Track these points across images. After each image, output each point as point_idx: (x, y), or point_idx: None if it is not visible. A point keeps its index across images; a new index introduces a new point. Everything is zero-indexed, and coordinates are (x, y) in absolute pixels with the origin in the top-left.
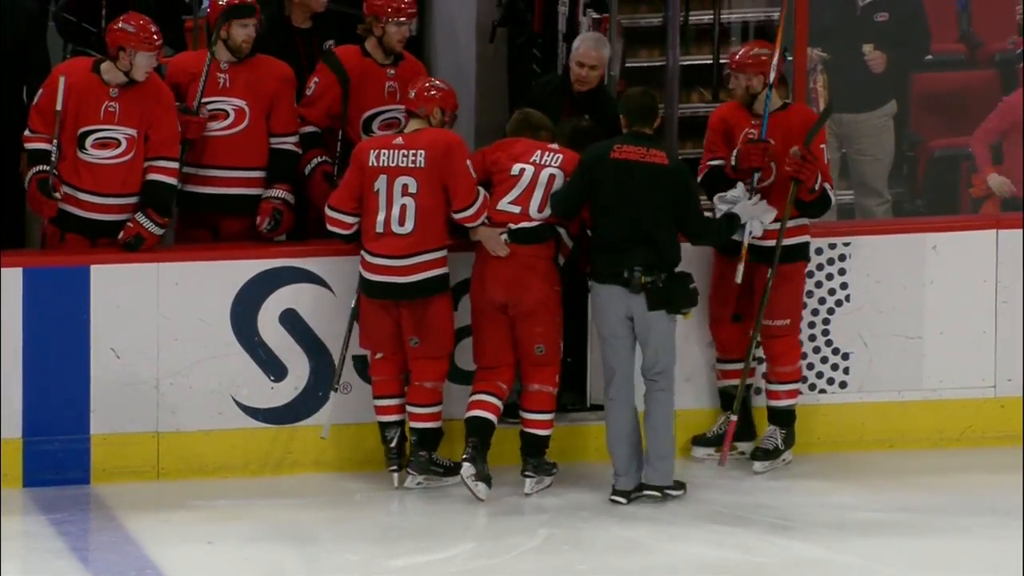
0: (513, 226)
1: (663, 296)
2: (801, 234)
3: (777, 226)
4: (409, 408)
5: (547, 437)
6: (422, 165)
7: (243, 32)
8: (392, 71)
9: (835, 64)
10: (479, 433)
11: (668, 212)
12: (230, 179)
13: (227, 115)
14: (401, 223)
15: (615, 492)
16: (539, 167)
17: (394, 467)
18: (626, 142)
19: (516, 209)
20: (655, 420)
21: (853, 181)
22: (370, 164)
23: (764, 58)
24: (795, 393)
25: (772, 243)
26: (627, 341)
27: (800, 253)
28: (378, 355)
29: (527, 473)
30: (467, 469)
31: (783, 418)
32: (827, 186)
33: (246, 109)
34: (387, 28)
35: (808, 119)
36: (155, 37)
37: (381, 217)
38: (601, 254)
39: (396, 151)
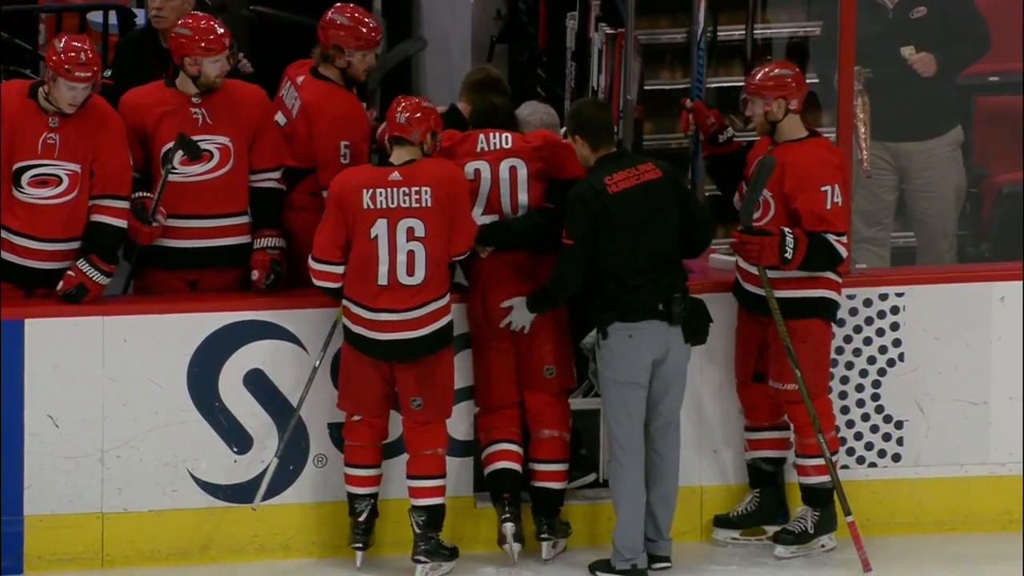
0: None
1: (695, 326)
2: (810, 287)
3: (785, 275)
4: (412, 483)
5: (563, 492)
6: (428, 204)
7: (215, 68)
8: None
9: (878, 82)
10: (511, 488)
11: (678, 227)
12: (215, 229)
13: (211, 156)
14: (410, 273)
15: (638, 572)
16: (493, 159)
17: (359, 545)
18: (611, 170)
19: (493, 219)
20: (671, 471)
21: (913, 221)
22: (364, 207)
23: (788, 80)
24: (826, 469)
25: (779, 294)
26: (645, 389)
27: (812, 309)
28: (355, 417)
29: (543, 536)
30: (510, 528)
31: (816, 497)
32: (831, 238)
33: (231, 147)
34: (354, 60)
35: (824, 163)
36: (85, 60)
37: (384, 268)
38: (629, 293)
39: (395, 189)
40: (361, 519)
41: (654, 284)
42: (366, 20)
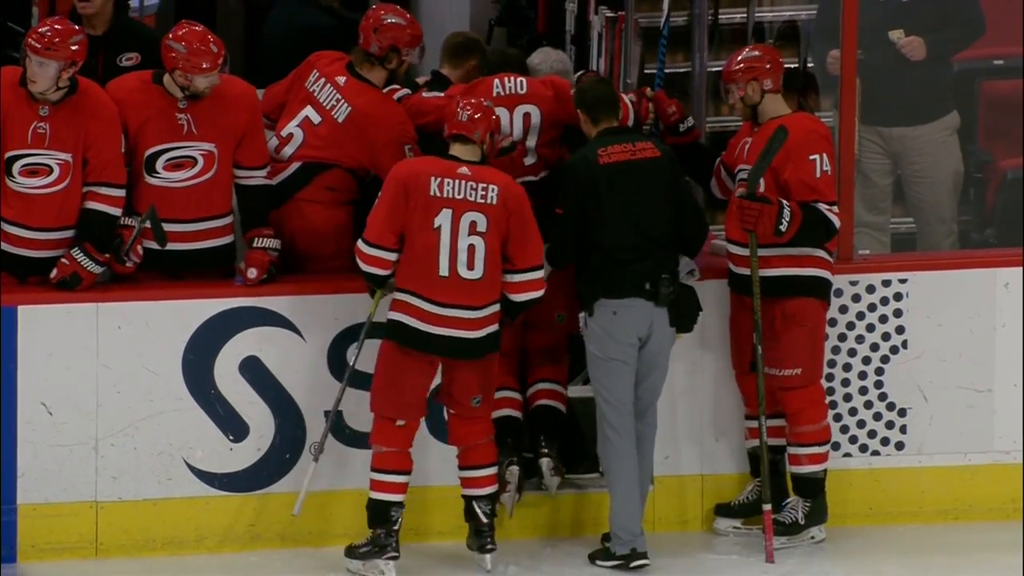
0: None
1: (683, 311)
2: (801, 265)
3: (777, 252)
4: (472, 473)
5: (563, 413)
6: (494, 202)
7: (205, 82)
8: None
9: (870, 65)
10: (513, 433)
11: (673, 210)
12: (198, 232)
13: (195, 162)
14: (470, 267)
15: (638, 555)
16: (509, 104)
17: (394, 555)
18: (607, 143)
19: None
20: (647, 457)
21: (911, 207)
22: (431, 194)
23: (755, 62)
24: (820, 457)
25: (772, 272)
26: (633, 368)
27: (805, 288)
28: (400, 422)
29: (544, 453)
30: (515, 472)
31: (807, 487)
32: (822, 207)
33: (215, 152)
34: (409, 58)
35: (811, 133)
36: (58, 43)
37: (445, 260)
38: (615, 267)
39: (463, 182)
40: (397, 527)
41: (642, 262)
42: (410, 17)
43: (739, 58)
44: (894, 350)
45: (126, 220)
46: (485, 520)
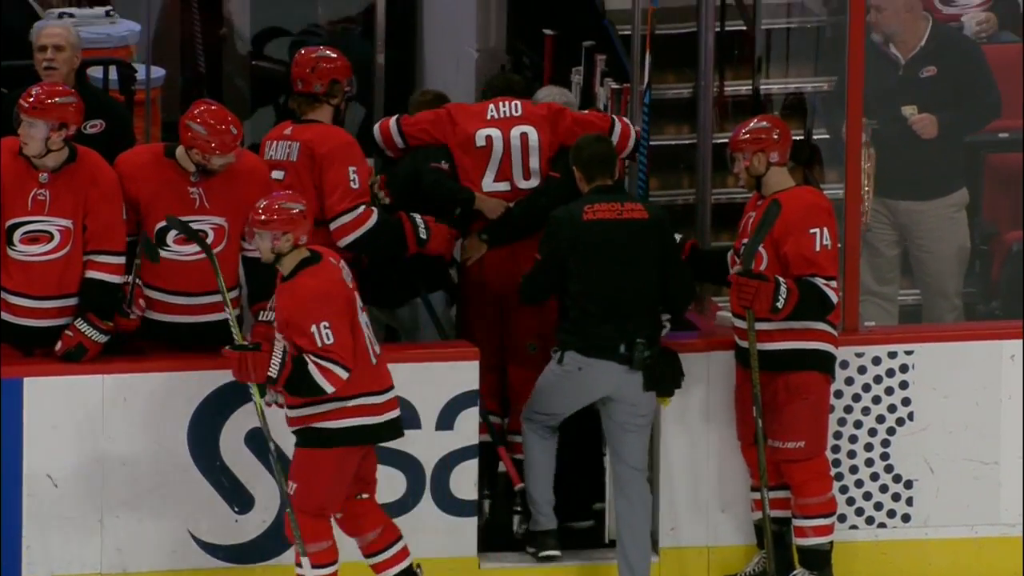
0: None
1: (660, 375)
2: (804, 338)
3: (779, 326)
4: (383, 556)
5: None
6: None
7: (222, 160)
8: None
9: (884, 137)
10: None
11: (657, 274)
12: (205, 306)
13: (206, 236)
14: (374, 340)
15: (546, 539)
16: (504, 125)
17: None
18: (596, 200)
19: (504, 187)
20: (642, 520)
21: (916, 279)
22: (353, 299)
23: (764, 134)
24: (826, 529)
25: (774, 346)
26: (579, 404)
27: (808, 361)
28: (338, 515)
29: (516, 509)
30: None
31: (812, 560)
32: (820, 282)
33: (225, 226)
34: (348, 90)
35: (813, 206)
36: (47, 103)
37: (370, 347)
38: (590, 325)
39: (347, 271)
40: None
41: (619, 322)
42: (336, 50)
43: (747, 128)
44: (900, 422)
45: (126, 279)
46: None
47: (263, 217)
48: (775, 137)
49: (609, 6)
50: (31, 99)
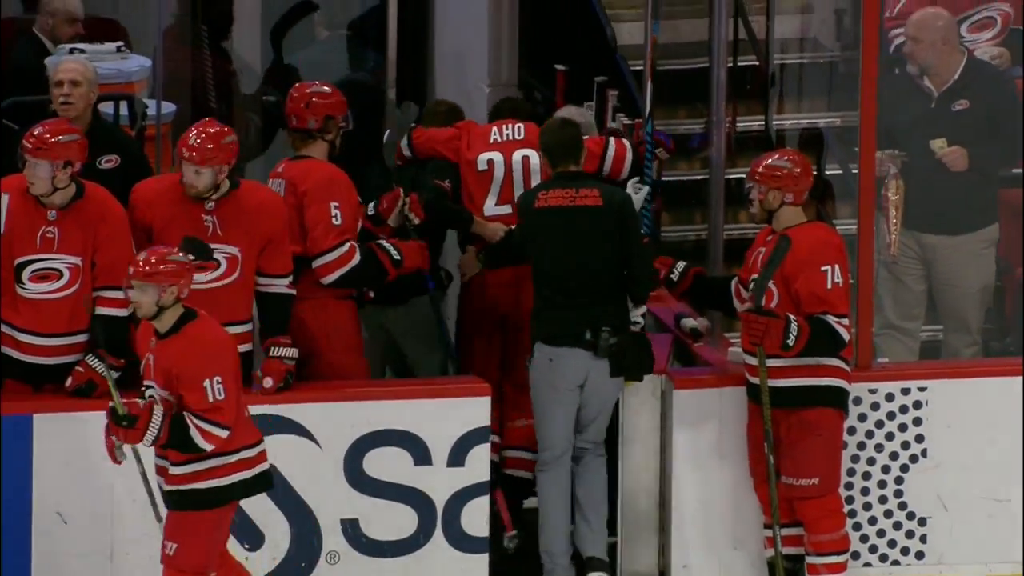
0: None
1: (628, 361)
2: (817, 375)
3: (792, 362)
4: None
5: (532, 481)
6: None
7: (192, 172)
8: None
9: (913, 169)
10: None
11: (616, 259)
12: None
13: (218, 265)
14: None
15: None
16: (506, 149)
17: None
18: (552, 186)
19: (506, 210)
20: (597, 490)
21: (939, 314)
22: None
23: (782, 172)
24: (839, 567)
25: (787, 382)
26: (572, 409)
27: (821, 398)
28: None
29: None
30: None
31: None
32: (831, 320)
33: (239, 257)
34: (343, 126)
35: (825, 243)
36: (50, 142)
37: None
38: (555, 314)
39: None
40: None
41: (581, 310)
42: (331, 85)
43: (770, 161)
44: (914, 459)
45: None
46: None
47: (147, 269)
48: (794, 177)
49: (621, 41)
50: (33, 139)
